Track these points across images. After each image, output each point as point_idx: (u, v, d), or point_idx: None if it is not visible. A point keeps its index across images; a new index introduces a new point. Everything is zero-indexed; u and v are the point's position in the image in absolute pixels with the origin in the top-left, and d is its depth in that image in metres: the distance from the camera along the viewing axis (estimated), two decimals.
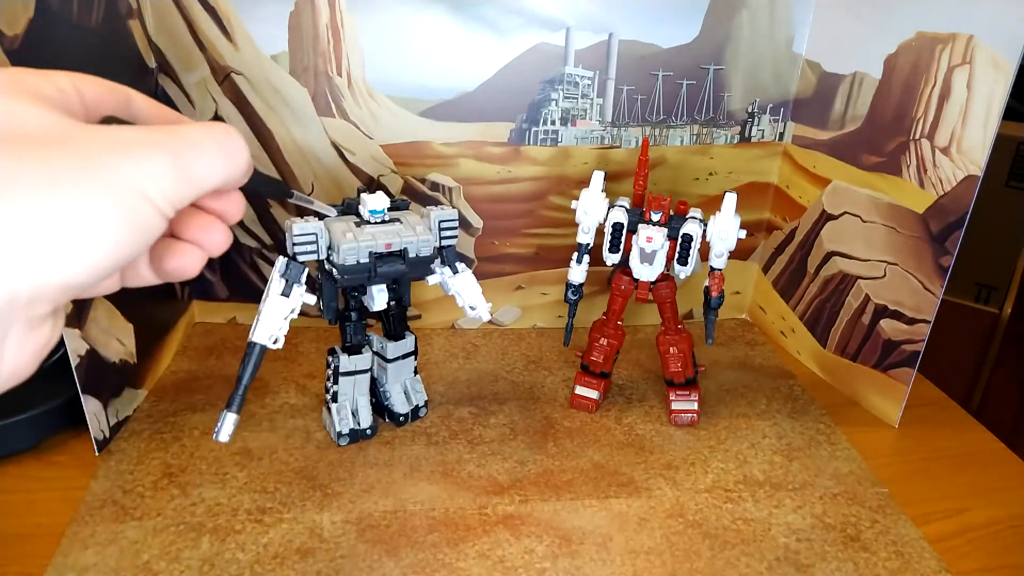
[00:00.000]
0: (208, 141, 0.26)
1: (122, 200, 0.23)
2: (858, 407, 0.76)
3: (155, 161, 0.24)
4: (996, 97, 0.61)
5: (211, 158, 0.26)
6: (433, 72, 0.77)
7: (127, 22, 0.68)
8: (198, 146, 0.26)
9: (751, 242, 0.90)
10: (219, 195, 0.29)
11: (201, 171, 0.26)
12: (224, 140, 0.27)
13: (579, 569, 0.54)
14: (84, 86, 0.27)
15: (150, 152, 0.24)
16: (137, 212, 0.23)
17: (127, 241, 0.23)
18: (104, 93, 0.28)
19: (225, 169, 0.27)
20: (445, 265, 0.64)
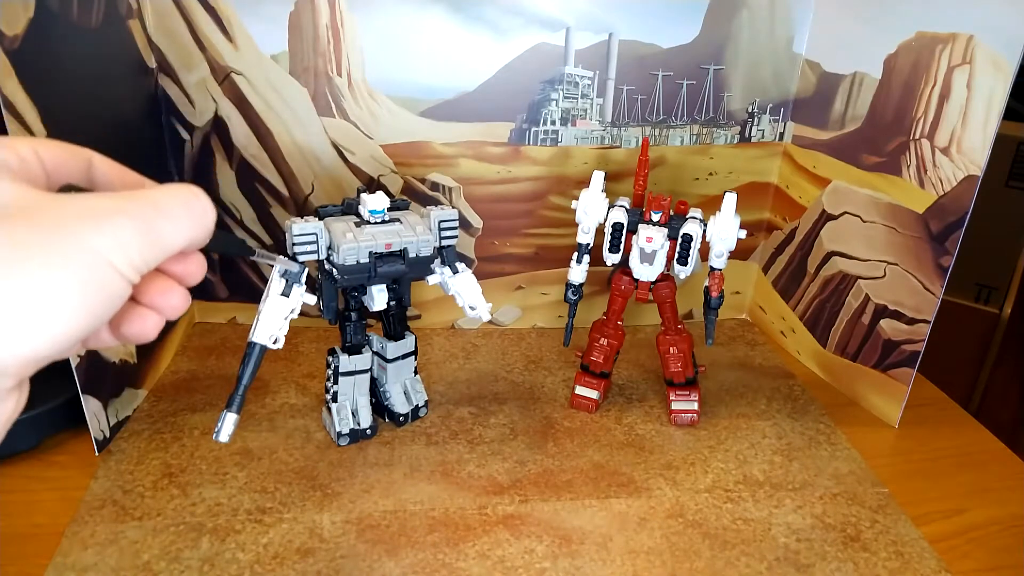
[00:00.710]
0: (175, 205, 0.26)
1: (89, 271, 0.23)
2: (858, 407, 0.76)
3: (122, 229, 0.24)
4: (996, 97, 0.61)
5: (178, 221, 0.26)
6: (433, 72, 0.77)
7: (127, 22, 0.68)
8: (166, 210, 0.26)
9: (751, 242, 0.90)
10: (182, 257, 0.29)
11: (169, 235, 0.26)
12: (191, 202, 0.27)
13: (579, 569, 0.54)
14: (44, 152, 0.27)
15: (117, 220, 0.24)
16: (103, 282, 0.23)
17: (93, 312, 0.23)
18: (65, 157, 0.28)
19: (191, 232, 0.27)
20: (445, 265, 0.64)
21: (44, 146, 0.27)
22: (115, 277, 0.24)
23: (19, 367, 0.22)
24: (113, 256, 0.24)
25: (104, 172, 0.30)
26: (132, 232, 0.24)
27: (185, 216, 0.26)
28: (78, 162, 0.29)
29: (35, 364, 0.23)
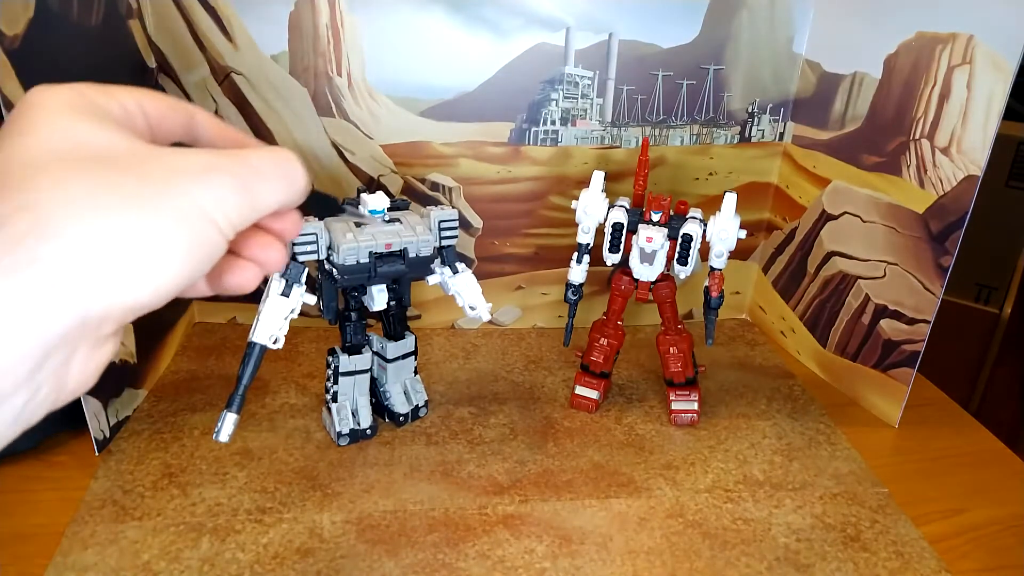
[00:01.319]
0: (271, 167, 0.27)
1: (190, 224, 0.24)
2: (858, 407, 0.76)
3: (222, 187, 0.25)
4: (996, 97, 0.61)
5: (274, 183, 0.27)
6: (433, 72, 0.77)
7: (127, 22, 0.68)
8: (262, 172, 0.27)
9: (751, 242, 0.90)
10: (278, 215, 0.30)
11: (263, 196, 0.27)
12: (286, 166, 0.28)
13: (579, 569, 0.54)
14: (148, 104, 0.28)
15: (217, 178, 0.25)
16: (203, 235, 0.24)
17: (193, 263, 0.24)
18: (167, 111, 0.29)
19: (285, 194, 0.28)
20: (445, 265, 0.64)
21: (148, 99, 0.28)
22: (215, 232, 0.25)
23: (121, 314, 0.23)
24: (214, 212, 0.25)
25: (207, 129, 0.30)
26: (231, 190, 0.25)
27: (281, 178, 0.28)
28: (181, 117, 0.29)
29: (135, 312, 0.24)
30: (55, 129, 0.24)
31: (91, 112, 0.25)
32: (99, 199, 0.22)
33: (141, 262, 0.23)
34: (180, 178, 0.24)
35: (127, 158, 0.24)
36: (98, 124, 0.24)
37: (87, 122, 0.24)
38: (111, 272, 0.22)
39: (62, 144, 0.23)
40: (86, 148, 0.23)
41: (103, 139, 0.24)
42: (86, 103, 0.25)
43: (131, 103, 0.27)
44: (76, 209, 0.22)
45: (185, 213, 0.24)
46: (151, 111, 0.28)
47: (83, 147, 0.23)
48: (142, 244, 0.22)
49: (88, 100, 0.25)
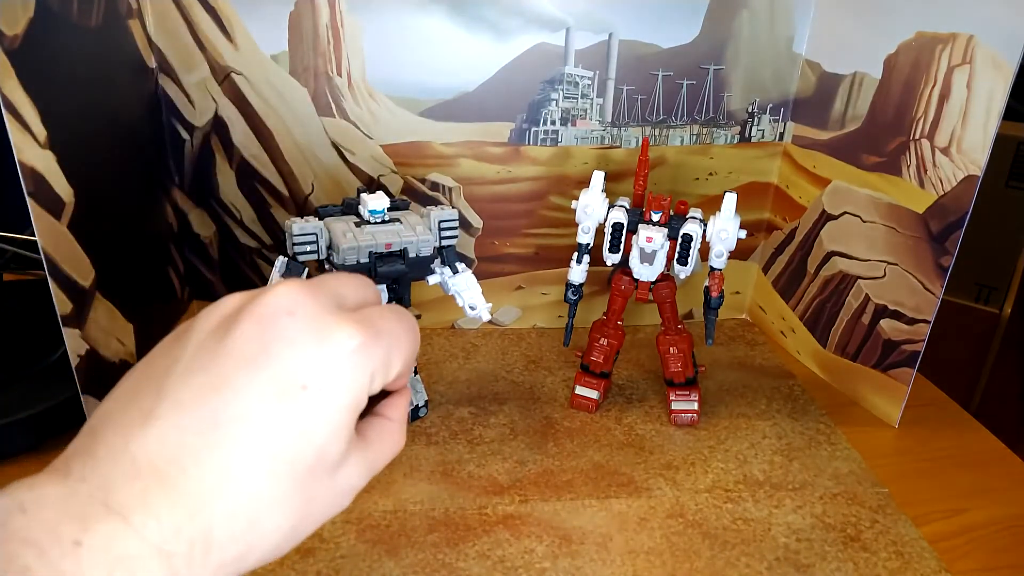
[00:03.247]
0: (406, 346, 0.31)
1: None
2: (858, 407, 0.76)
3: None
4: (996, 97, 0.61)
5: (406, 355, 0.31)
6: (433, 72, 0.77)
7: (127, 22, 0.68)
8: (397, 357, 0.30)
9: (751, 242, 0.90)
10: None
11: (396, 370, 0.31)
12: (411, 329, 0.31)
13: (579, 569, 0.54)
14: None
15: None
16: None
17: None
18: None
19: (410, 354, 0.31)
20: (445, 265, 0.64)
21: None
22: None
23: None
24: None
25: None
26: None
27: (410, 343, 0.31)
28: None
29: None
30: (323, 437, 0.27)
31: (356, 414, 0.28)
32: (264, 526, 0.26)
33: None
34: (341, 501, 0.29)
35: (319, 483, 0.27)
36: (347, 433, 0.28)
37: (343, 432, 0.28)
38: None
39: (315, 448, 0.27)
40: (322, 461, 0.27)
41: (336, 455, 0.28)
42: (364, 401, 0.28)
43: (393, 377, 0.30)
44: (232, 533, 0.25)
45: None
46: (403, 371, 0.31)
47: (318, 467, 0.27)
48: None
49: (365, 399, 0.28)
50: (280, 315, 0.26)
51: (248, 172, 0.79)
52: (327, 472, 0.27)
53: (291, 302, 0.26)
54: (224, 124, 0.77)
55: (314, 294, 0.27)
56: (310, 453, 0.26)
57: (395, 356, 0.29)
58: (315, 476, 0.26)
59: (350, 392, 0.27)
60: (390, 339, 0.29)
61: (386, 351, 0.28)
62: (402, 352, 0.30)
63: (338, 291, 0.29)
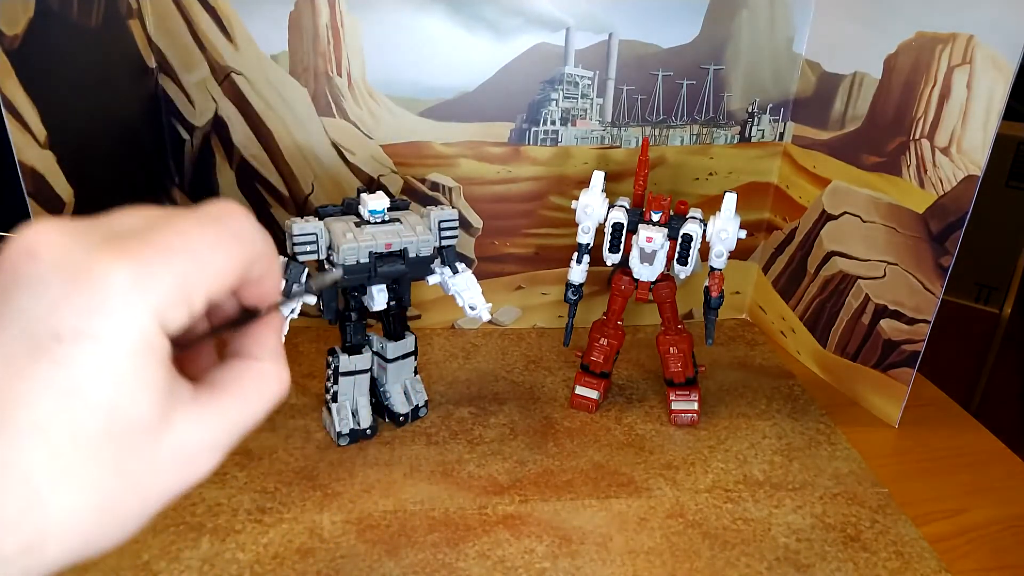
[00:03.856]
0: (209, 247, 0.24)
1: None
2: (858, 407, 0.76)
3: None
4: (996, 97, 0.61)
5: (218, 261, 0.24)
6: (433, 72, 0.77)
7: (127, 22, 0.68)
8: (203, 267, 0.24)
9: (751, 242, 0.90)
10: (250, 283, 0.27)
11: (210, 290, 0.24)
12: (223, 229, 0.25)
13: (579, 569, 0.54)
14: (217, 291, 0.24)
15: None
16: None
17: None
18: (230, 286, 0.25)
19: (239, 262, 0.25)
20: (445, 265, 0.64)
21: (221, 285, 0.24)
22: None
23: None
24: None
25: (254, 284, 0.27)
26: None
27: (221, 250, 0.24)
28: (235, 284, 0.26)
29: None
30: (106, 396, 0.21)
31: (156, 362, 0.22)
32: (87, 496, 0.22)
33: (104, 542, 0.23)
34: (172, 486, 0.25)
35: (141, 437, 0.23)
36: (148, 388, 0.22)
37: (141, 386, 0.22)
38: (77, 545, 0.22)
39: (97, 408, 0.21)
40: (116, 422, 0.22)
41: (139, 416, 0.22)
42: (161, 344, 0.22)
43: (201, 306, 0.24)
44: (60, 497, 0.21)
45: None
46: (218, 296, 0.24)
47: (115, 432, 0.22)
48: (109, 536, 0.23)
49: (162, 342, 0.22)
50: (21, 260, 0.21)
51: (248, 172, 0.79)
52: (140, 436, 0.22)
53: (33, 242, 0.21)
54: (224, 124, 0.77)
55: (68, 230, 0.22)
56: (93, 416, 0.21)
57: (198, 278, 0.23)
58: (118, 443, 0.22)
59: (129, 336, 0.21)
60: (183, 258, 0.23)
61: (180, 276, 0.22)
62: (209, 268, 0.23)
63: (113, 223, 0.23)
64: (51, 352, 0.21)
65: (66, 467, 0.21)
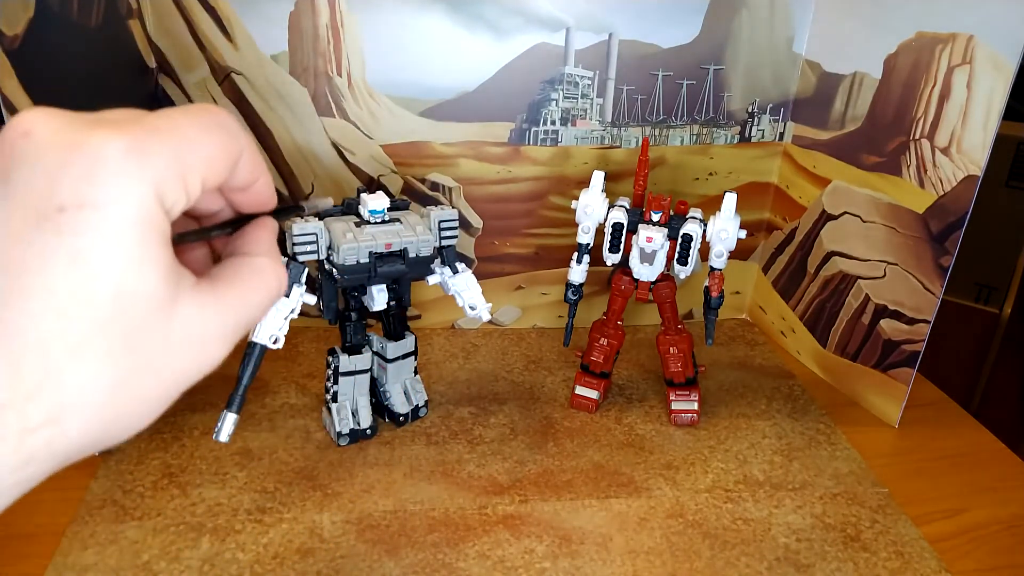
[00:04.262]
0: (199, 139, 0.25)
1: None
2: (858, 407, 0.76)
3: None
4: (996, 97, 0.61)
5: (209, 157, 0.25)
6: (433, 72, 0.77)
7: (127, 22, 0.68)
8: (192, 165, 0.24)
9: (751, 242, 0.90)
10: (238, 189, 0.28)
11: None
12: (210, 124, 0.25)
13: (579, 569, 0.54)
14: (213, 180, 0.25)
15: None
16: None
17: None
18: (223, 176, 0.26)
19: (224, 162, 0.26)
20: (445, 265, 0.64)
21: (216, 172, 0.25)
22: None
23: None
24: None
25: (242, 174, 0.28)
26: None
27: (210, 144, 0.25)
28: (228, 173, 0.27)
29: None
30: (111, 265, 0.21)
31: (159, 240, 0.22)
32: (108, 391, 0.22)
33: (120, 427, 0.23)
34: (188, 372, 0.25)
35: (151, 321, 0.23)
36: (153, 263, 0.22)
37: (146, 261, 0.22)
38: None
39: (105, 279, 0.21)
40: (127, 301, 0.22)
41: (146, 291, 0.22)
42: (162, 221, 0.22)
43: (197, 190, 0.24)
44: (78, 391, 0.21)
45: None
46: (211, 183, 0.25)
47: (123, 305, 0.22)
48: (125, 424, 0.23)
49: (163, 219, 0.22)
50: (16, 139, 0.21)
51: None
52: (149, 312, 0.22)
53: (27, 122, 0.22)
54: None
55: (59, 113, 0.22)
56: (101, 286, 0.21)
57: (191, 159, 0.23)
58: (128, 316, 0.22)
59: (129, 206, 0.21)
60: (175, 137, 0.23)
61: (173, 153, 0.23)
62: (200, 149, 0.24)
63: (99, 114, 0.23)
64: (55, 221, 0.21)
65: (79, 338, 0.21)
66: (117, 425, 0.23)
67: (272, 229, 0.29)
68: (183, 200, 0.23)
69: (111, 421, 0.23)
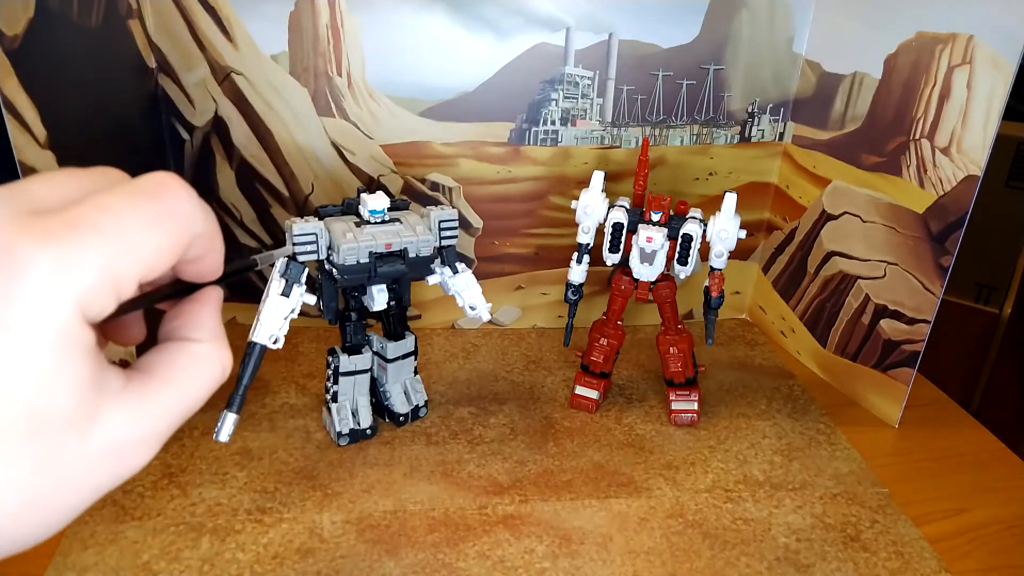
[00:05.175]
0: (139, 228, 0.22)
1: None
2: (858, 407, 0.76)
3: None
4: (996, 97, 0.61)
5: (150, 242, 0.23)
6: (433, 72, 0.77)
7: (127, 22, 0.68)
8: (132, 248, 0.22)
9: (751, 242, 0.90)
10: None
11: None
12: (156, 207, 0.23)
13: (579, 569, 0.54)
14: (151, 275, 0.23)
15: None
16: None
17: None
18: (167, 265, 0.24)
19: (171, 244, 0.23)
20: (445, 265, 0.64)
21: (154, 269, 0.23)
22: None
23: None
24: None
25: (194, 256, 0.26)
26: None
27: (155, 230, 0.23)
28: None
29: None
30: (23, 388, 0.20)
31: (79, 353, 0.21)
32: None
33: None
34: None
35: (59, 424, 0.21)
36: (69, 380, 0.21)
37: (62, 378, 0.21)
38: None
39: (15, 404, 0.20)
40: (37, 418, 0.20)
41: (61, 410, 0.21)
42: (84, 334, 0.21)
43: (131, 291, 0.22)
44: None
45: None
46: (150, 279, 0.23)
47: (34, 427, 0.20)
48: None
49: (85, 332, 0.21)
50: None
51: (248, 172, 0.79)
52: (64, 432, 0.21)
53: None
54: (224, 124, 0.77)
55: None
56: (12, 412, 0.20)
57: (128, 263, 0.21)
58: (40, 441, 0.20)
59: (48, 326, 0.20)
60: (111, 240, 0.21)
61: (104, 258, 0.21)
62: (140, 252, 0.22)
63: (36, 192, 0.21)
64: None
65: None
66: (20, 541, 0.22)
67: (216, 304, 0.27)
68: (112, 305, 0.21)
69: (14, 539, 0.22)
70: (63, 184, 0.22)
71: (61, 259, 0.20)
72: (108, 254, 0.21)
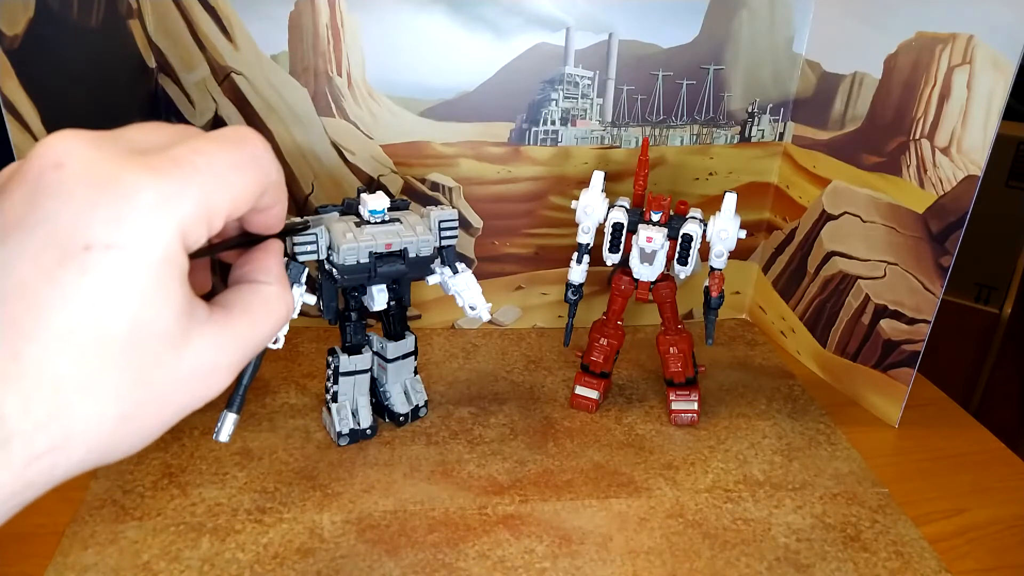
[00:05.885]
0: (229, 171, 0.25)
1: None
2: (858, 407, 0.76)
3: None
4: (996, 97, 0.61)
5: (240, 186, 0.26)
6: (433, 72, 0.77)
7: (127, 22, 0.68)
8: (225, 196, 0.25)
9: (751, 242, 0.90)
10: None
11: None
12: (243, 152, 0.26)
13: (579, 569, 0.54)
14: (238, 211, 0.26)
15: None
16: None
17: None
18: (247, 205, 0.26)
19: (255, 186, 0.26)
20: (445, 265, 0.64)
21: (244, 203, 0.26)
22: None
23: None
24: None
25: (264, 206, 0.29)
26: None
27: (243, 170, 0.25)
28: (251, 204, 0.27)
29: None
30: (131, 305, 0.22)
31: (178, 278, 0.23)
32: (105, 406, 0.22)
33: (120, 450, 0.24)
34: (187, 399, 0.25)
35: (161, 351, 0.23)
36: (170, 302, 0.23)
37: (164, 300, 0.23)
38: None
39: (123, 318, 0.22)
40: (140, 333, 0.22)
41: (161, 330, 0.23)
42: (183, 260, 0.23)
43: (220, 226, 0.25)
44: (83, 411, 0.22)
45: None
46: (234, 217, 0.26)
47: (137, 343, 0.22)
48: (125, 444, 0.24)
49: (184, 258, 0.23)
50: (47, 170, 0.22)
51: None
52: (162, 348, 0.23)
53: (60, 152, 0.22)
54: (224, 124, 0.77)
55: (93, 141, 0.23)
56: (119, 325, 0.22)
57: (219, 199, 0.24)
58: (141, 354, 0.22)
59: (155, 249, 0.22)
60: (207, 177, 0.23)
61: (201, 193, 0.23)
62: (230, 190, 0.24)
63: (134, 136, 0.24)
64: (79, 259, 0.21)
65: (92, 375, 0.22)
66: (117, 450, 0.24)
67: (279, 254, 0.30)
68: (205, 237, 0.24)
69: (112, 447, 0.24)
70: (155, 131, 0.25)
71: (165, 190, 0.22)
72: (204, 189, 0.23)
